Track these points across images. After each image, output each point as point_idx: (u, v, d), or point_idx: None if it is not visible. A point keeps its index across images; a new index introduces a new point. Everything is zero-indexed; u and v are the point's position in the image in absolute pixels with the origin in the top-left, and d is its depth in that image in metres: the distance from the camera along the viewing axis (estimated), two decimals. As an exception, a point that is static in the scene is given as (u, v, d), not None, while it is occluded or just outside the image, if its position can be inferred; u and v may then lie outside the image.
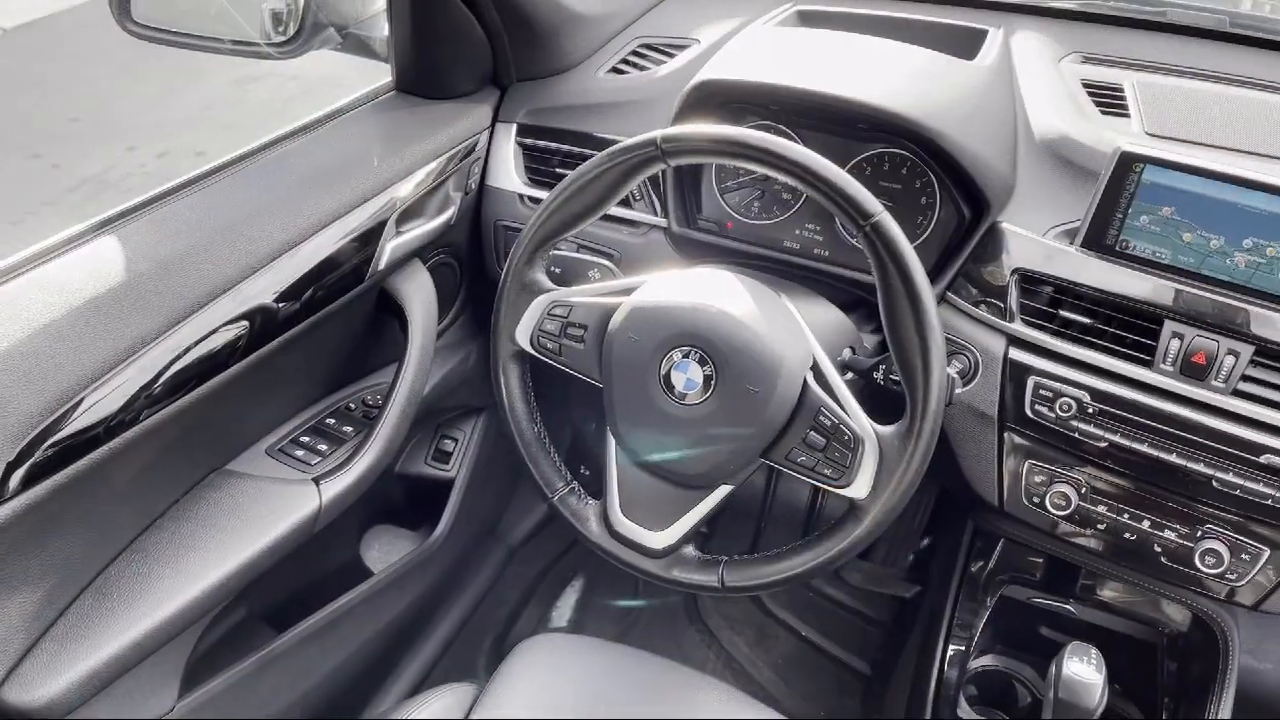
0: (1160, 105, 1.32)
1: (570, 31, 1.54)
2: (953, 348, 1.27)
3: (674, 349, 1.04)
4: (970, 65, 1.36)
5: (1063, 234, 1.23)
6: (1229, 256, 1.13)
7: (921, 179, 1.31)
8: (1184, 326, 1.15)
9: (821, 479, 1.03)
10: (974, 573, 1.57)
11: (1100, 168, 1.17)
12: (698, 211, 1.43)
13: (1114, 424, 1.18)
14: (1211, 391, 1.14)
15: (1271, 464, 1.12)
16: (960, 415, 1.28)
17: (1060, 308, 1.22)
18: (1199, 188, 1.13)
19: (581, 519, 1.16)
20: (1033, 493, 1.26)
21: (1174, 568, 1.21)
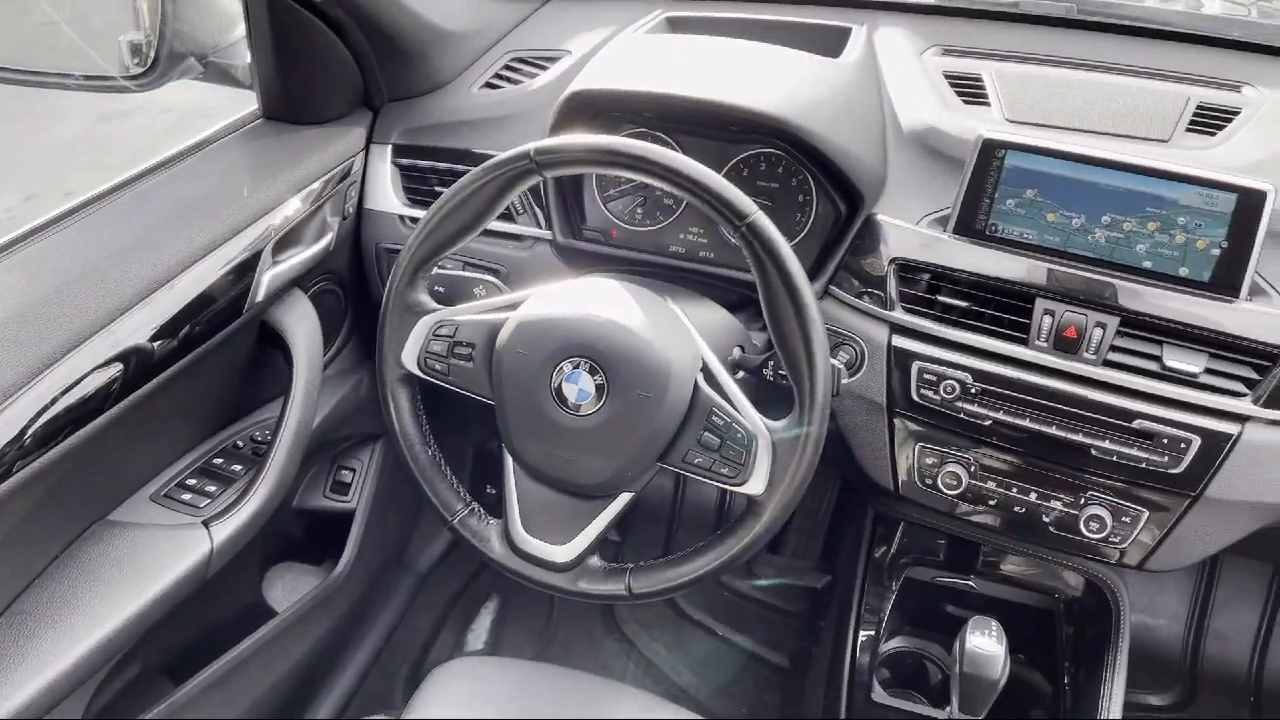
0: (1018, 92, 1.37)
1: (440, 49, 1.52)
2: (838, 339, 1.30)
3: (563, 361, 1.03)
4: (836, 63, 1.39)
5: (935, 222, 1.26)
6: (1090, 233, 1.18)
7: (797, 177, 1.33)
8: (1054, 303, 1.20)
9: (718, 478, 1.03)
10: (878, 558, 1.60)
11: (966, 156, 1.21)
12: (582, 221, 1.43)
13: (996, 402, 1.22)
14: (1084, 364, 1.18)
15: (1144, 429, 1.17)
16: (851, 404, 1.31)
17: (938, 293, 1.25)
18: (1059, 169, 1.18)
19: (483, 539, 1.14)
20: (925, 475, 1.30)
21: (1062, 536, 1.26)
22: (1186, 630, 1.99)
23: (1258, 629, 1.97)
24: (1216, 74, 1.40)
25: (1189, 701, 1.92)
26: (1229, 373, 1.15)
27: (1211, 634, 1.98)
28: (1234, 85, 1.37)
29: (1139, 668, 1.93)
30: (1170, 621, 2.00)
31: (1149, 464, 1.17)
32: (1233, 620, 1.98)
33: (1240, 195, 1.11)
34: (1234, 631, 1.98)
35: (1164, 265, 1.15)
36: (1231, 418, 1.15)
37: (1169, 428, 1.16)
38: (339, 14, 1.36)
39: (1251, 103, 1.33)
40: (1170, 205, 1.14)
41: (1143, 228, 1.16)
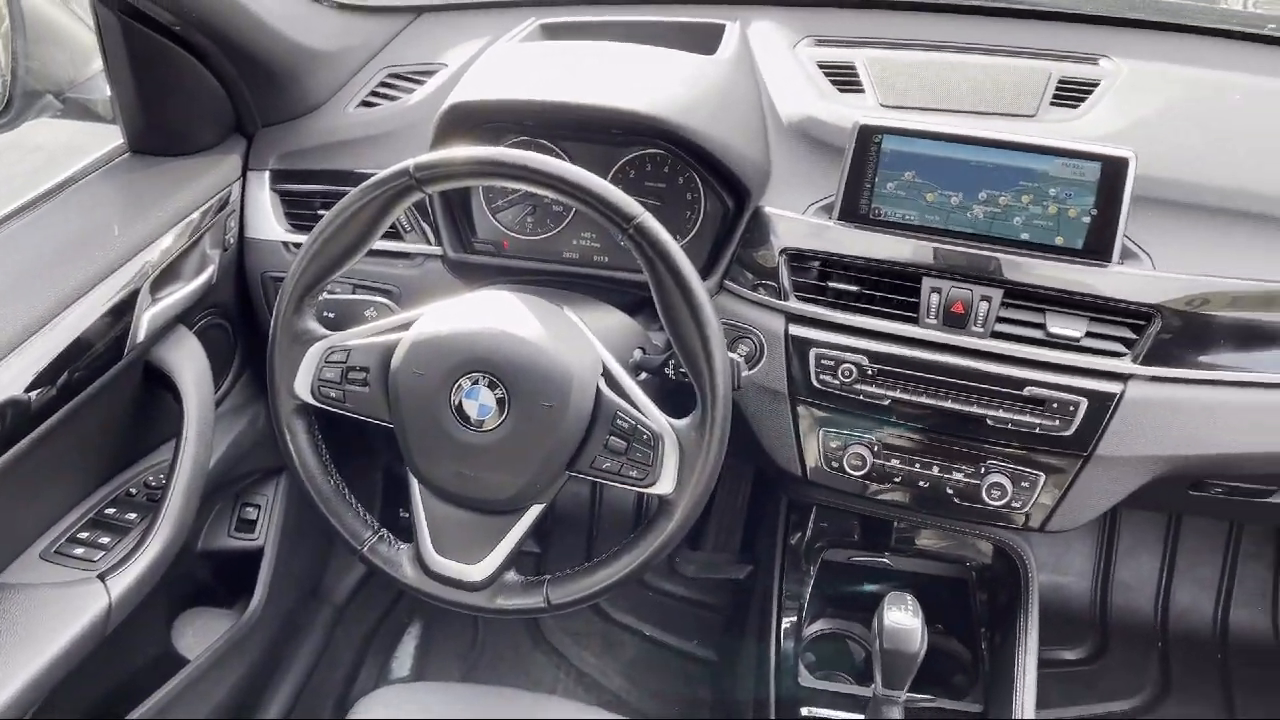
0: (891, 78, 1.40)
1: (310, 70, 1.49)
2: (737, 333, 1.31)
3: (462, 377, 1.02)
4: (712, 60, 1.40)
5: (821, 210, 1.28)
6: (969, 210, 1.21)
7: (684, 175, 1.34)
8: (940, 281, 1.23)
9: (628, 481, 1.03)
10: (794, 545, 1.62)
11: (845, 143, 1.23)
12: (472, 234, 1.41)
13: (893, 382, 1.25)
14: (972, 337, 1.22)
15: (1034, 395, 1.21)
16: (754, 395, 1.32)
17: (829, 280, 1.27)
18: (934, 150, 1.21)
19: (395, 565, 1.12)
20: (831, 458, 1.32)
21: (967, 506, 1.29)
22: (1094, 585, 2.07)
23: (1159, 576, 2.05)
24: (1075, 48, 1.45)
25: (1102, 652, 2.00)
26: (1108, 334, 1.19)
27: (1117, 585, 2.06)
28: (1092, 58, 1.43)
29: (1052, 625, 1.99)
30: (1078, 578, 2.07)
31: (1041, 429, 1.21)
32: (1135, 570, 2.07)
33: (1104, 163, 1.15)
34: (1138, 581, 2.07)
35: (1040, 236, 1.19)
36: (1114, 377, 1.19)
37: (1057, 392, 1.20)
38: (200, 40, 1.32)
39: (1109, 74, 1.38)
40: (1041, 177, 1.18)
41: (1017, 201, 1.19)
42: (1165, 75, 1.40)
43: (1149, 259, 1.20)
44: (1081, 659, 1.99)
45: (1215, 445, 1.21)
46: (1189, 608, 2.05)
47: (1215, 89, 1.39)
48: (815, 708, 1.47)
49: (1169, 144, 1.27)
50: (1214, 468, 1.25)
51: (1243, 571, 2.04)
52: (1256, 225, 1.22)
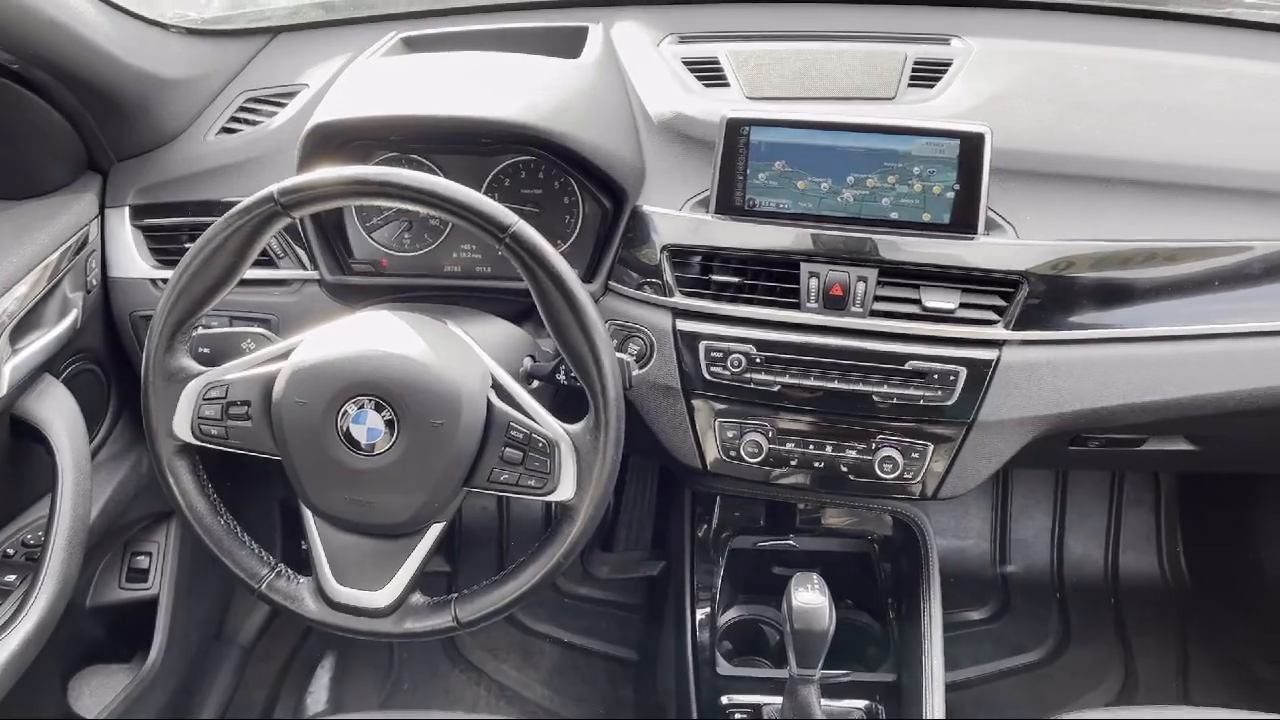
0: (755, 70, 1.42)
1: (162, 99, 1.43)
2: (626, 332, 1.31)
3: (347, 402, 1.00)
4: (576, 63, 1.41)
5: (698, 204, 1.30)
6: (839, 195, 1.24)
7: (559, 180, 1.34)
8: (818, 265, 1.26)
9: (527, 491, 1.03)
10: (702, 536, 1.64)
11: (715, 138, 1.25)
12: (349, 256, 1.38)
13: (781, 367, 1.27)
14: (853, 318, 1.25)
15: (916, 369, 1.25)
16: (648, 393, 1.33)
17: (711, 273, 1.29)
18: (801, 139, 1.24)
19: (295, 600, 1.09)
20: (728, 447, 1.34)
21: (863, 481, 1.32)
22: (992, 546, 2.14)
23: (1052, 531, 2.14)
24: (928, 30, 1.50)
25: (1005, 609, 2.07)
26: (980, 304, 1.24)
27: (1014, 544, 2.14)
28: (944, 38, 1.48)
29: (956, 588, 2.06)
30: (977, 541, 2.15)
31: (925, 400, 1.25)
32: (1030, 528, 2.15)
33: (962, 140, 1.20)
34: (1033, 538, 2.15)
35: (908, 214, 1.23)
36: (989, 345, 1.24)
37: (937, 364, 1.24)
38: (40, 76, 1.26)
39: (961, 53, 1.43)
40: (905, 158, 1.22)
41: (884, 182, 1.23)
42: (1014, 51, 1.46)
43: (1012, 229, 1.24)
44: (987, 618, 2.06)
45: (1088, 401, 1.27)
46: (1082, 558, 2.14)
47: (1061, 62, 1.45)
48: (735, 695, 1.49)
49: (1022, 117, 1.32)
50: (1089, 422, 1.30)
51: (1128, 518, 2.14)
52: (1110, 189, 1.28)
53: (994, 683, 1.92)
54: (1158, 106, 1.38)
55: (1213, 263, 1.26)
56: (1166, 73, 1.46)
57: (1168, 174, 1.29)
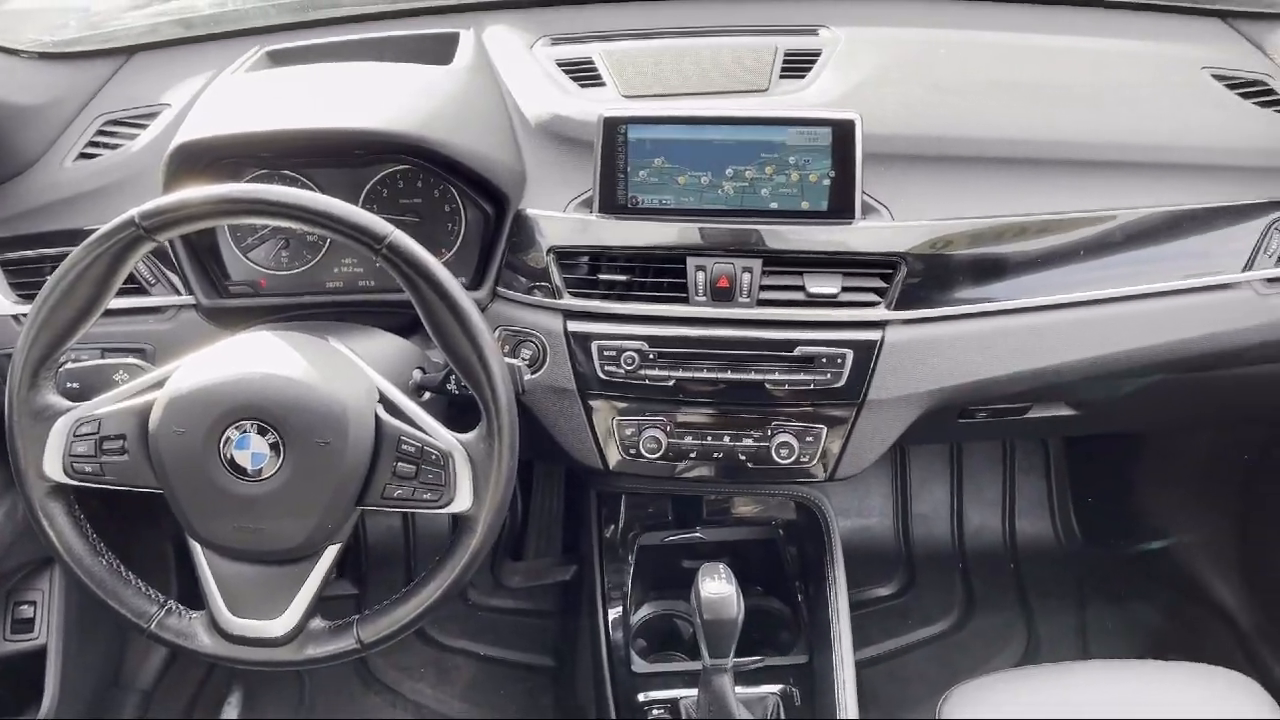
0: (629, 68, 1.43)
1: (13, 127, 1.37)
2: (518, 337, 1.31)
3: (228, 428, 0.97)
4: (448, 70, 1.39)
5: (582, 204, 1.30)
6: (719, 188, 1.26)
7: (438, 188, 1.32)
8: (704, 258, 1.27)
9: (424, 505, 1.01)
10: (610, 537, 1.64)
11: (594, 138, 1.25)
12: (225, 278, 1.34)
13: (674, 362, 1.28)
14: (741, 308, 1.27)
15: (805, 354, 1.27)
16: (544, 397, 1.32)
17: (599, 272, 1.29)
18: (678, 134, 1.25)
19: (189, 636, 1.05)
20: (628, 445, 1.34)
21: (762, 468, 1.34)
22: (895, 522, 2.20)
23: (950, 503, 2.20)
24: (796, 22, 1.53)
25: (911, 583, 2.13)
26: (862, 286, 1.27)
27: (916, 519, 2.20)
28: (812, 29, 1.51)
29: (863, 566, 2.11)
30: (880, 519, 2.20)
31: (816, 384, 1.27)
32: (930, 501, 2.21)
33: (834, 127, 1.22)
34: (933, 511, 2.21)
35: (788, 203, 1.25)
36: (873, 326, 1.27)
37: (825, 348, 1.26)
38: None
39: (829, 42, 1.46)
40: (780, 148, 1.24)
41: (762, 173, 1.25)
42: (880, 39, 1.49)
43: (888, 212, 1.28)
44: (894, 593, 2.11)
45: (971, 374, 1.30)
46: (980, 527, 2.21)
47: (925, 47, 1.50)
48: (651, 691, 1.49)
49: (890, 102, 1.36)
50: (974, 394, 1.34)
51: (1020, 485, 2.22)
52: (978, 168, 1.32)
53: (904, 655, 1.97)
54: (1018, 86, 1.43)
55: (1079, 233, 1.31)
56: (1025, 53, 1.52)
57: (1032, 150, 1.34)
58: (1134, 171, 1.34)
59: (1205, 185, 1.34)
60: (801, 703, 1.48)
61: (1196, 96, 1.44)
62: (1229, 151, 1.37)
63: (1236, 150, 1.37)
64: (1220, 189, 1.33)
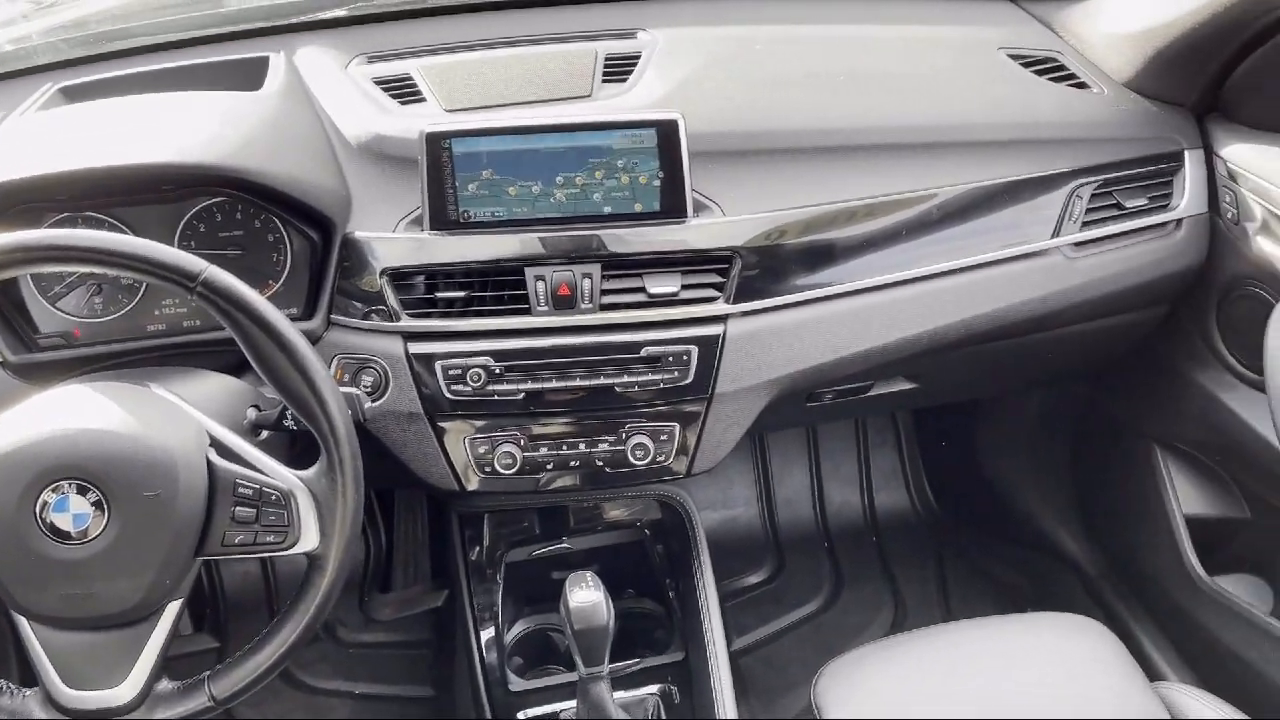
0: (450, 82, 1.41)
1: None
2: (358, 364, 1.27)
3: (44, 490, 0.90)
4: (259, 95, 1.34)
5: (412, 223, 1.27)
6: (551, 195, 1.25)
7: (259, 218, 1.27)
8: (542, 268, 1.26)
9: (268, 548, 0.97)
10: (476, 557, 1.61)
11: (417, 155, 1.23)
12: (34, 331, 1.25)
13: (522, 375, 1.27)
14: (584, 314, 1.27)
15: (651, 354, 1.28)
16: (390, 423, 1.29)
17: (437, 291, 1.27)
18: (504, 145, 1.23)
19: (24, 713, 0.98)
20: (482, 463, 1.32)
21: (620, 472, 1.35)
22: (760, 509, 2.24)
23: (811, 485, 2.26)
24: (614, 26, 1.54)
25: (781, 568, 2.17)
26: (700, 283, 1.29)
27: (780, 504, 2.25)
28: (630, 32, 1.52)
29: (733, 556, 2.14)
30: (745, 508, 2.23)
31: (664, 383, 1.28)
32: (792, 486, 2.27)
33: (658, 128, 1.23)
34: (796, 495, 2.27)
35: (620, 206, 1.26)
36: (714, 321, 1.29)
37: (670, 346, 1.28)
38: None
39: (648, 45, 1.48)
40: (608, 152, 1.24)
41: (592, 178, 1.25)
42: (698, 38, 1.52)
43: (719, 208, 1.30)
44: (765, 579, 2.15)
45: (812, 358, 1.34)
46: (842, 505, 2.28)
47: (743, 43, 1.53)
48: (530, 709, 1.47)
49: (712, 100, 1.38)
50: (817, 378, 1.38)
51: (875, 460, 2.30)
52: (803, 158, 1.36)
53: (779, 640, 2.01)
54: (833, 76, 1.48)
55: (902, 214, 1.36)
56: (837, 44, 1.57)
57: (850, 137, 1.38)
58: (947, 151, 1.41)
59: (1012, 159, 1.41)
60: (681, 700, 1.49)
61: (996, 76, 1.52)
62: (1029, 126, 1.45)
63: (1036, 124, 1.45)
64: (1025, 162, 1.41)
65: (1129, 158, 1.44)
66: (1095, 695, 1.18)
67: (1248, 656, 1.53)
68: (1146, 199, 1.46)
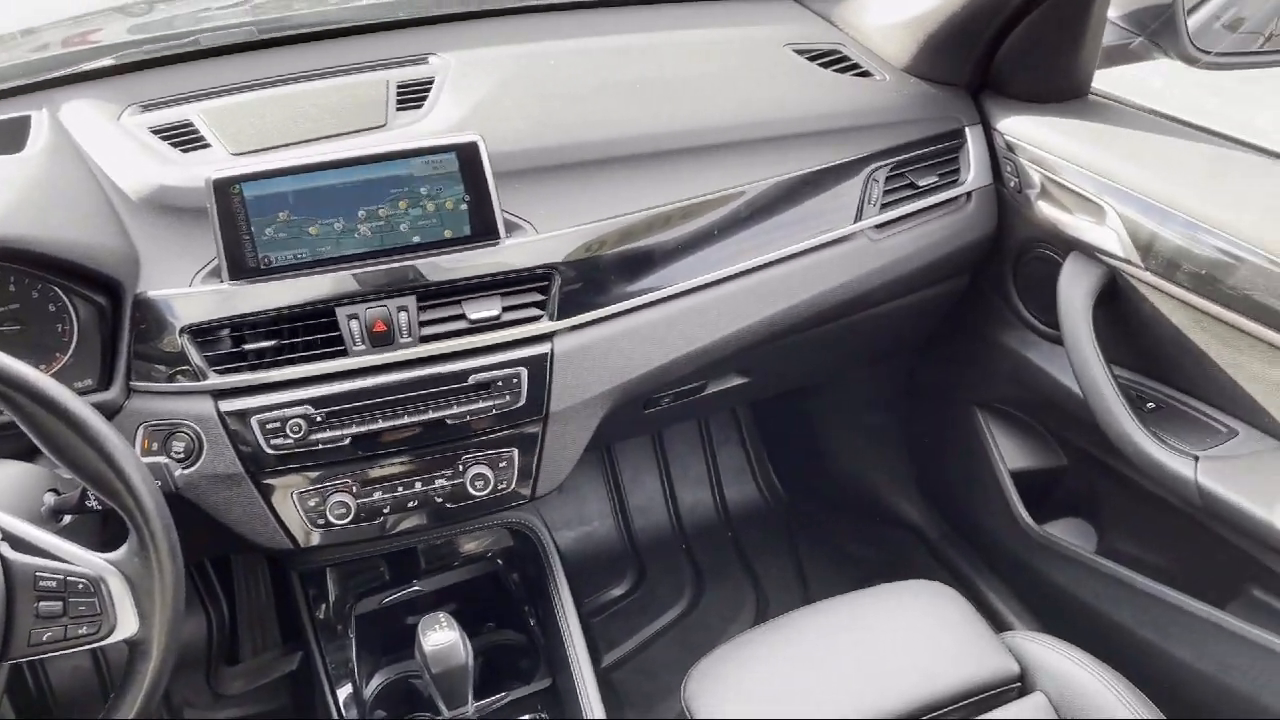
0: (234, 125, 1.34)
1: None
2: (167, 430, 1.19)
3: None
4: (22, 157, 1.25)
5: (210, 275, 1.20)
6: (355, 231, 1.21)
7: (36, 288, 1.18)
8: (353, 306, 1.21)
9: (83, 641, 0.89)
10: (324, 615, 1.54)
11: (207, 203, 1.16)
12: None
13: (346, 419, 1.22)
14: (404, 349, 1.23)
15: (479, 381, 1.25)
16: (210, 488, 1.22)
17: (244, 343, 1.20)
18: (299, 185, 1.18)
19: None
20: (315, 517, 1.26)
21: (462, 506, 1.31)
22: (616, 521, 2.23)
23: (663, 490, 2.27)
24: (404, 53, 1.51)
25: (643, 576, 2.17)
26: (522, 304, 1.27)
27: (635, 513, 2.25)
28: (421, 58, 1.49)
29: (595, 572, 2.13)
30: (601, 521, 2.23)
31: (498, 409, 1.26)
32: (644, 493, 2.27)
33: (458, 152, 1.21)
34: (649, 501, 2.27)
35: (430, 234, 1.22)
36: (541, 339, 1.28)
37: (498, 370, 1.25)
38: None
39: (440, 69, 1.45)
40: (409, 181, 1.21)
41: (397, 209, 1.21)
42: (490, 58, 1.50)
43: (532, 226, 1.28)
44: (628, 591, 2.14)
45: (642, 365, 1.35)
46: (695, 504, 2.30)
47: (535, 60, 1.52)
48: None
49: (512, 119, 1.37)
50: (650, 383, 1.38)
51: (721, 457, 2.33)
52: (609, 168, 1.36)
53: (649, 649, 2.00)
54: (630, 85, 1.49)
55: (714, 213, 1.39)
56: (630, 53, 1.58)
57: (656, 143, 1.40)
58: (748, 149, 1.44)
59: (809, 151, 1.46)
60: (554, 726, 1.47)
61: (785, 72, 1.57)
62: (821, 117, 1.50)
63: (827, 115, 1.50)
64: (821, 152, 1.45)
65: (915, 139, 1.51)
66: (949, 655, 1.23)
67: (1082, 596, 1.62)
68: (937, 176, 1.54)
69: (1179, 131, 1.46)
